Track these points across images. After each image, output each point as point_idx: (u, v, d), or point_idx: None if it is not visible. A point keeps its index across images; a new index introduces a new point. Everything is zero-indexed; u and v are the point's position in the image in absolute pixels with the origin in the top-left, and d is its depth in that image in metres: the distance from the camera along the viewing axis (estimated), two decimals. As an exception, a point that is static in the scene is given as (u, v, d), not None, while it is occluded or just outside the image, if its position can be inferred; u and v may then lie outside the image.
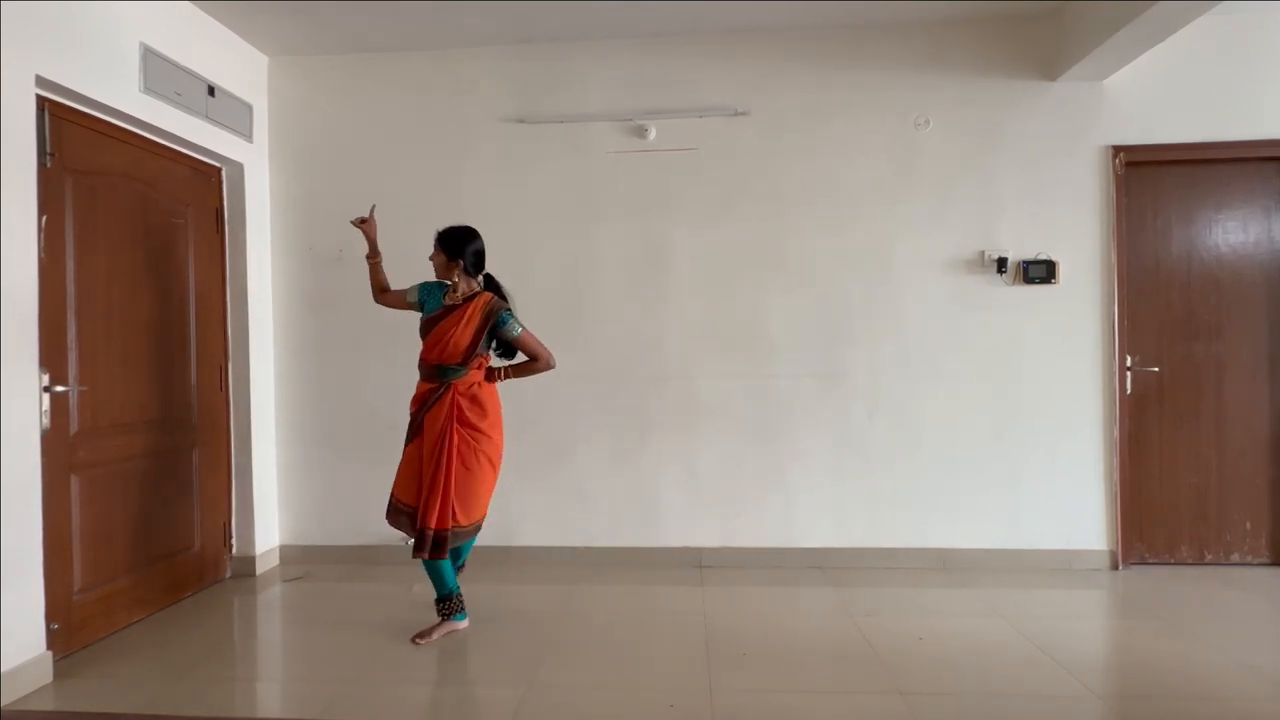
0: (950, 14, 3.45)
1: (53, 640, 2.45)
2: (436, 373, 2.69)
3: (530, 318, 3.64)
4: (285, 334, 3.77)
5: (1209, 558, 3.52)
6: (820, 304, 3.58)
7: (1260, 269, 3.49)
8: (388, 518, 2.76)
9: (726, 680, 2.35)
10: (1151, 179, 3.51)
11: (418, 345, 3.67)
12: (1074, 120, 3.48)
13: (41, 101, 2.49)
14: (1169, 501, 3.53)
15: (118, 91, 2.77)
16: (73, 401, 2.62)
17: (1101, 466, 3.50)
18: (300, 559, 3.72)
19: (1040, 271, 3.46)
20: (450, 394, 2.66)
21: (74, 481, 2.63)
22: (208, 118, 3.27)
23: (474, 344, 2.67)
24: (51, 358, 2.52)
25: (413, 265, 3.71)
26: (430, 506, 2.59)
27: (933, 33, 3.53)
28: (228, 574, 3.52)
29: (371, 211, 2.91)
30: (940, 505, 3.54)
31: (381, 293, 2.87)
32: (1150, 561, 3.54)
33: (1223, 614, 2.92)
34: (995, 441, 3.53)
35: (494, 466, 2.74)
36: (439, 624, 2.73)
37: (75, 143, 2.66)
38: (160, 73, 2.97)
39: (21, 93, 2.36)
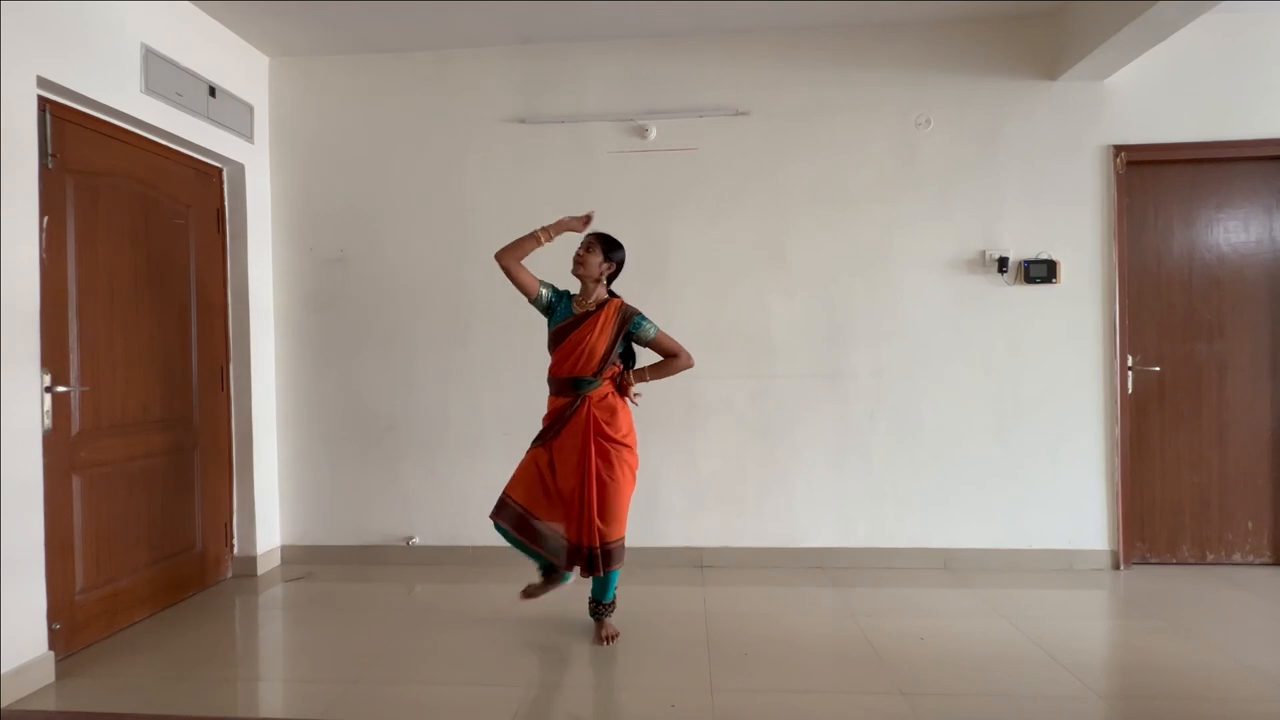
0: (950, 14, 3.44)
1: (54, 640, 2.46)
2: (570, 386, 2.58)
3: (530, 316, 3.65)
4: (286, 334, 3.77)
5: (1210, 557, 3.51)
6: (821, 304, 3.58)
7: (1262, 268, 3.49)
8: (493, 515, 2.65)
9: (727, 680, 2.35)
10: (1152, 178, 3.51)
11: (418, 345, 3.71)
12: (1075, 120, 3.48)
13: (43, 102, 2.49)
14: (1170, 501, 3.53)
15: (119, 92, 2.77)
16: (74, 402, 2.63)
17: (1103, 466, 3.49)
18: (302, 559, 3.73)
19: (1041, 271, 3.46)
20: (586, 407, 2.56)
21: (76, 482, 2.63)
22: (209, 118, 3.27)
23: (609, 352, 2.58)
24: (53, 358, 2.52)
25: (413, 265, 3.72)
26: (584, 525, 2.52)
27: (933, 32, 3.53)
28: (229, 574, 3.52)
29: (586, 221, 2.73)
30: (942, 505, 3.54)
31: (517, 260, 2.59)
32: (1152, 561, 3.54)
33: (1224, 614, 2.91)
34: (996, 441, 3.52)
35: (634, 478, 2.68)
36: (600, 623, 2.70)
37: (77, 143, 2.67)
38: (161, 73, 2.98)
39: (23, 94, 2.37)
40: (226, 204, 3.55)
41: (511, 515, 2.62)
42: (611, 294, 2.71)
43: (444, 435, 3.70)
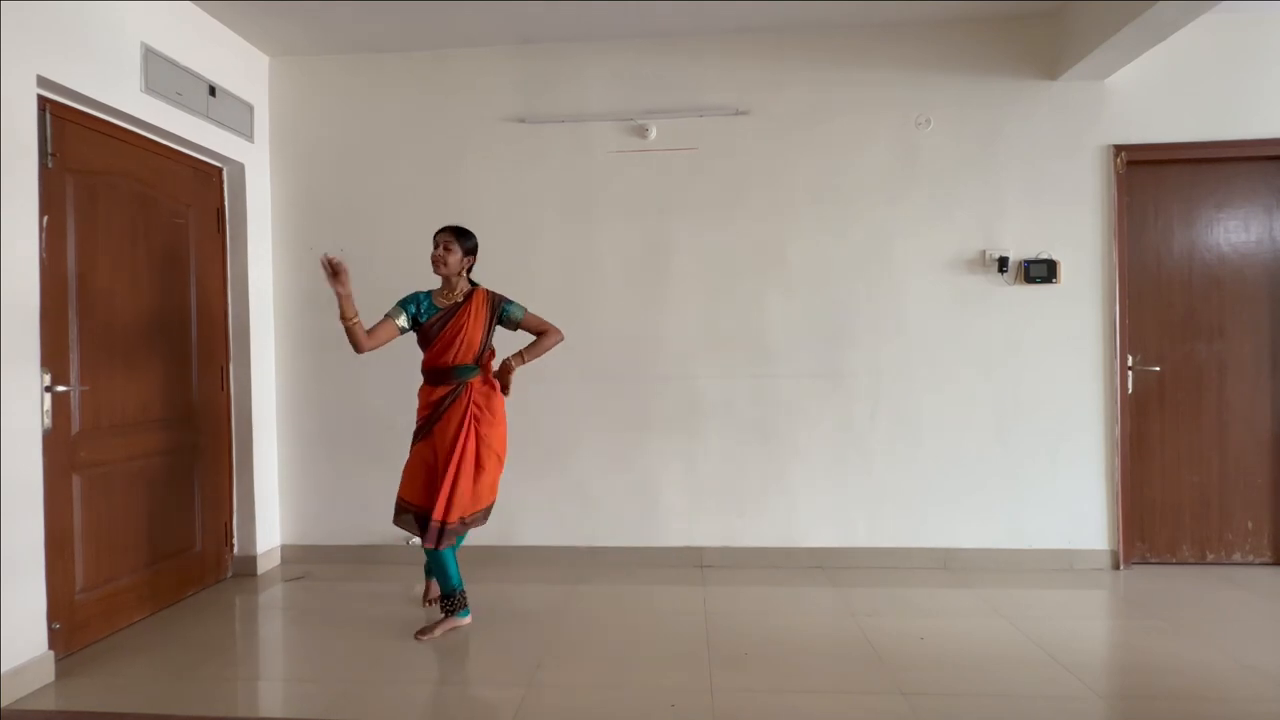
0: (951, 14, 3.44)
1: (54, 640, 2.46)
2: (453, 374, 2.71)
3: (531, 317, 3.65)
4: (286, 334, 3.77)
5: (1210, 557, 3.51)
6: (821, 303, 3.58)
7: (1262, 268, 3.49)
8: (395, 520, 2.83)
9: (727, 680, 2.35)
10: (1153, 178, 3.51)
11: (417, 345, 3.69)
12: (1075, 120, 3.48)
13: (43, 102, 2.49)
14: (1170, 501, 3.53)
15: (119, 92, 2.77)
16: (74, 401, 2.63)
17: (1103, 466, 3.49)
18: (301, 558, 3.73)
19: (1041, 271, 3.46)
20: (467, 394, 2.71)
21: (76, 481, 2.63)
22: (209, 118, 3.27)
23: (486, 338, 2.75)
24: (53, 358, 2.52)
25: (413, 265, 3.72)
26: (440, 499, 2.63)
27: (933, 32, 3.53)
28: (229, 573, 3.52)
29: (338, 262, 2.60)
30: (941, 505, 3.54)
31: (367, 340, 2.65)
32: (1152, 561, 3.54)
33: (1224, 614, 2.91)
34: (996, 441, 3.52)
35: (501, 460, 2.82)
36: (443, 620, 2.75)
37: (76, 143, 2.67)
38: (161, 73, 2.98)
39: (23, 93, 2.37)
40: (226, 203, 3.55)
41: (408, 517, 2.77)
42: (473, 283, 2.82)
43: (444, 435, 3.69)
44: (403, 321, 2.74)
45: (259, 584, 3.43)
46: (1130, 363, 3.51)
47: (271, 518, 3.70)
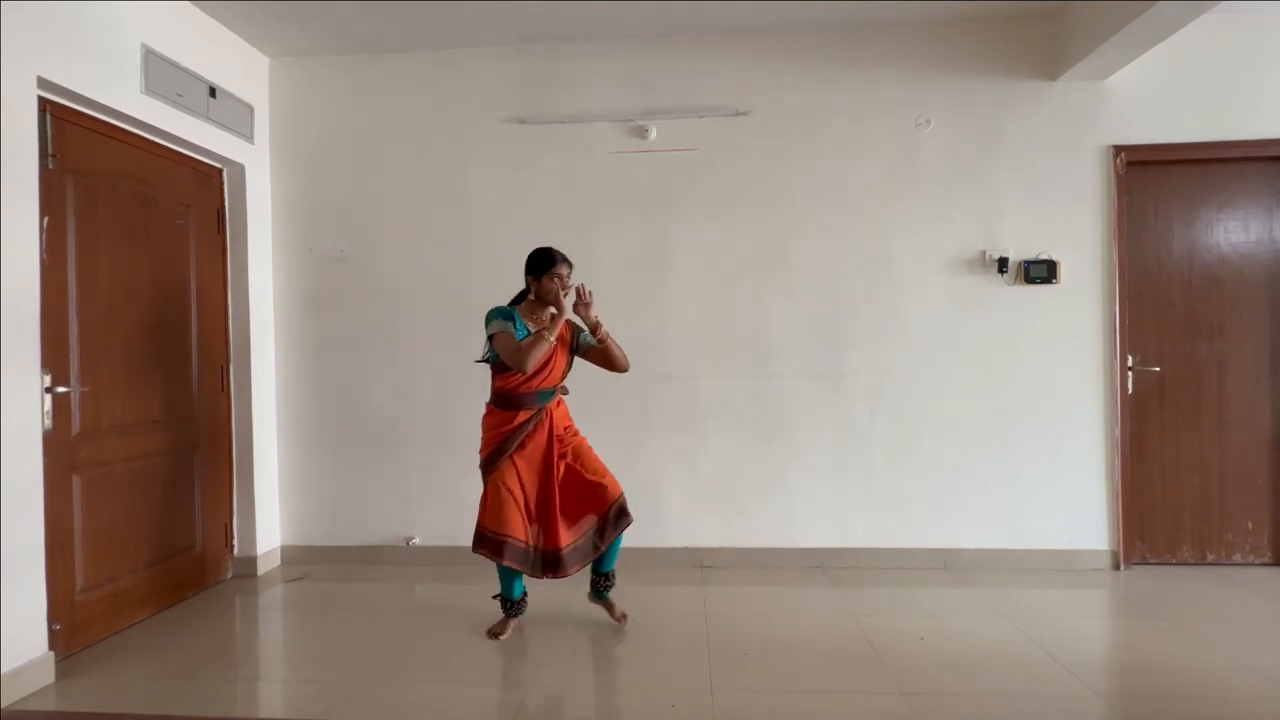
0: (951, 14, 3.44)
1: (54, 640, 2.46)
2: (535, 399, 2.65)
3: (531, 318, 3.66)
4: (286, 334, 3.77)
5: (1211, 557, 3.51)
6: (821, 304, 3.58)
7: (1262, 268, 3.49)
8: (475, 548, 2.61)
9: (728, 680, 2.35)
10: (1153, 178, 3.51)
11: (418, 345, 3.71)
12: (1075, 120, 3.48)
13: (43, 103, 2.49)
14: (1171, 501, 3.53)
15: (119, 93, 2.77)
16: (74, 402, 2.63)
17: (1103, 466, 3.49)
18: (302, 559, 3.73)
19: (1041, 271, 3.46)
20: (547, 418, 2.66)
21: (76, 482, 2.63)
22: (209, 119, 3.27)
23: (569, 364, 2.76)
24: (53, 358, 2.52)
25: (413, 265, 3.73)
26: (555, 527, 2.61)
27: (933, 33, 3.53)
28: (229, 574, 3.52)
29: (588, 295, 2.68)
30: (942, 505, 3.54)
31: (538, 354, 2.53)
32: (1152, 561, 3.54)
33: (1224, 614, 2.91)
34: (996, 441, 3.52)
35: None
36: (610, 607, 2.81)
37: (77, 144, 2.67)
38: (161, 74, 2.98)
39: (23, 94, 2.37)
40: (227, 204, 3.55)
41: (492, 545, 2.59)
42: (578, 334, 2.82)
43: (444, 435, 3.70)
44: (510, 325, 2.61)
45: (259, 584, 3.44)
46: (1130, 363, 3.51)
47: (271, 518, 3.70)
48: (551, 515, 2.62)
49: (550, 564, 2.61)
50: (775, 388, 3.60)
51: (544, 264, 2.68)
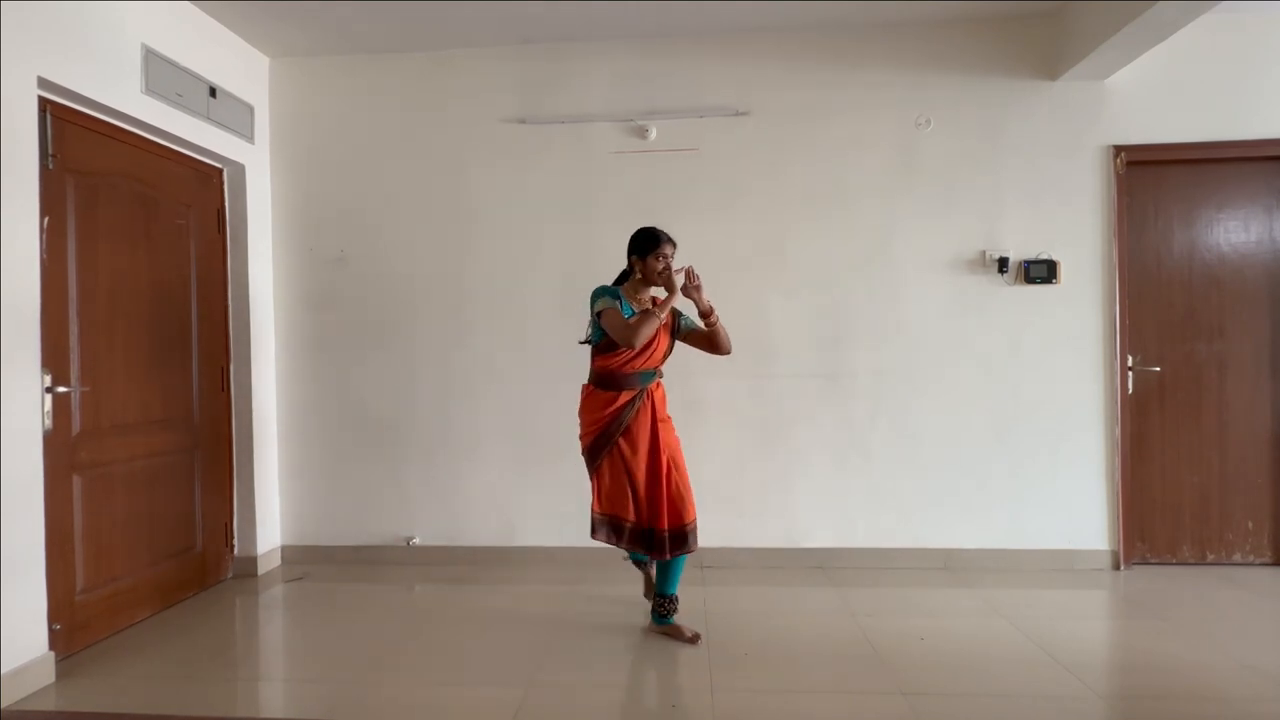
0: (951, 14, 3.44)
1: (55, 640, 2.46)
2: (638, 379, 2.64)
3: (531, 316, 3.66)
4: (287, 334, 3.77)
5: (1211, 557, 3.51)
6: (821, 304, 3.58)
7: (1262, 268, 3.49)
8: (594, 535, 2.69)
9: (728, 680, 2.35)
10: (1153, 178, 3.51)
11: (418, 345, 3.71)
12: (1075, 120, 3.48)
13: (43, 103, 2.50)
14: (1171, 501, 3.53)
15: (119, 93, 2.77)
16: (75, 402, 2.63)
17: (1103, 466, 3.49)
18: (302, 559, 3.73)
19: (1041, 271, 3.46)
20: (648, 400, 2.65)
21: (76, 482, 2.63)
22: (209, 119, 3.28)
23: (671, 346, 2.75)
24: (53, 358, 2.52)
25: (413, 265, 3.72)
26: (662, 508, 2.60)
27: (933, 32, 3.53)
28: (230, 574, 3.52)
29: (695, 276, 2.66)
30: (942, 505, 3.54)
31: (650, 330, 2.55)
32: (1152, 561, 3.54)
33: (1224, 614, 2.91)
34: (996, 441, 3.52)
35: (682, 469, 2.73)
36: (669, 627, 2.72)
37: (77, 144, 2.67)
38: (162, 74, 2.98)
39: (23, 94, 2.37)
40: (227, 204, 3.55)
41: (611, 529, 2.66)
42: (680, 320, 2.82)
43: (444, 435, 3.70)
44: (617, 303, 2.61)
45: (259, 584, 3.44)
46: (1130, 363, 3.51)
47: (272, 518, 3.71)
48: (659, 497, 2.60)
49: (659, 544, 2.59)
50: (775, 387, 3.60)
51: (649, 244, 2.64)
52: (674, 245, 2.69)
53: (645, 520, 2.64)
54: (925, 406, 3.55)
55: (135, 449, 2.94)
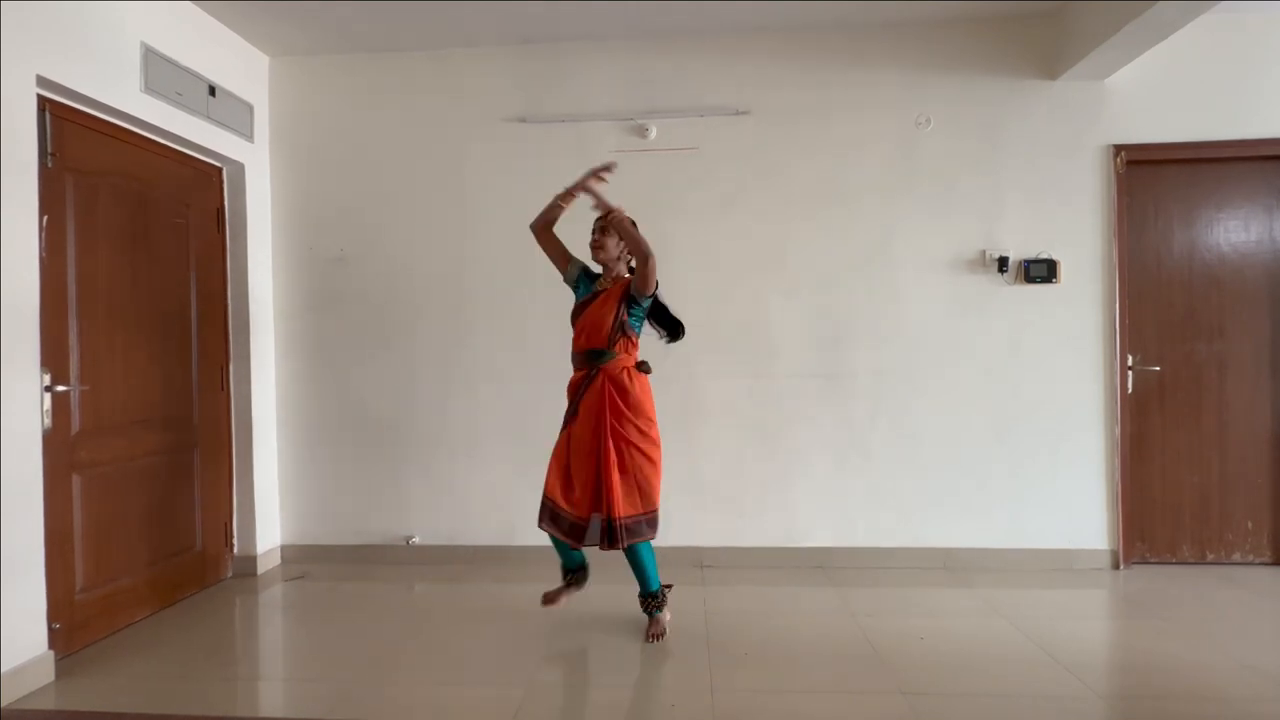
0: (951, 14, 3.44)
1: (54, 639, 2.46)
2: (586, 359, 2.64)
3: (531, 316, 3.66)
4: (286, 334, 3.77)
5: (1210, 557, 3.51)
6: (821, 303, 3.58)
7: (1262, 268, 3.49)
8: (539, 523, 2.68)
9: (727, 680, 2.35)
10: (1152, 178, 3.51)
11: (418, 345, 3.71)
12: (1075, 119, 3.48)
13: (42, 101, 2.49)
14: (1170, 501, 3.53)
15: (119, 91, 2.77)
16: (74, 401, 2.62)
17: (1103, 466, 3.49)
18: (302, 558, 3.73)
19: (1041, 271, 3.46)
20: (601, 380, 2.60)
21: (75, 481, 2.63)
22: (209, 118, 3.27)
23: (616, 321, 2.61)
24: (53, 357, 2.52)
25: (413, 265, 3.72)
26: (602, 497, 2.55)
27: (933, 32, 3.53)
28: (229, 573, 3.52)
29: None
30: (942, 505, 3.54)
31: (546, 228, 2.70)
32: (1152, 561, 3.54)
33: (1224, 614, 2.91)
34: (996, 441, 3.52)
35: (652, 459, 2.63)
36: (653, 621, 2.69)
37: (76, 143, 2.67)
38: (161, 73, 2.98)
39: (22, 93, 2.37)
40: (226, 204, 3.55)
41: (546, 512, 2.66)
42: (632, 271, 2.74)
43: (444, 435, 3.70)
44: (572, 271, 2.74)
45: (259, 584, 3.43)
46: (1130, 363, 3.51)
47: (271, 518, 3.70)
48: (609, 484, 2.53)
49: (606, 534, 2.54)
50: (775, 387, 3.60)
51: None
52: (600, 221, 2.70)
53: (585, 510, 2.58)
54: (925, 406, 3.55)
55: (135, 448, 2.94)
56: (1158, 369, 3.52)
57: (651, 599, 2.70)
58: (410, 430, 3.72)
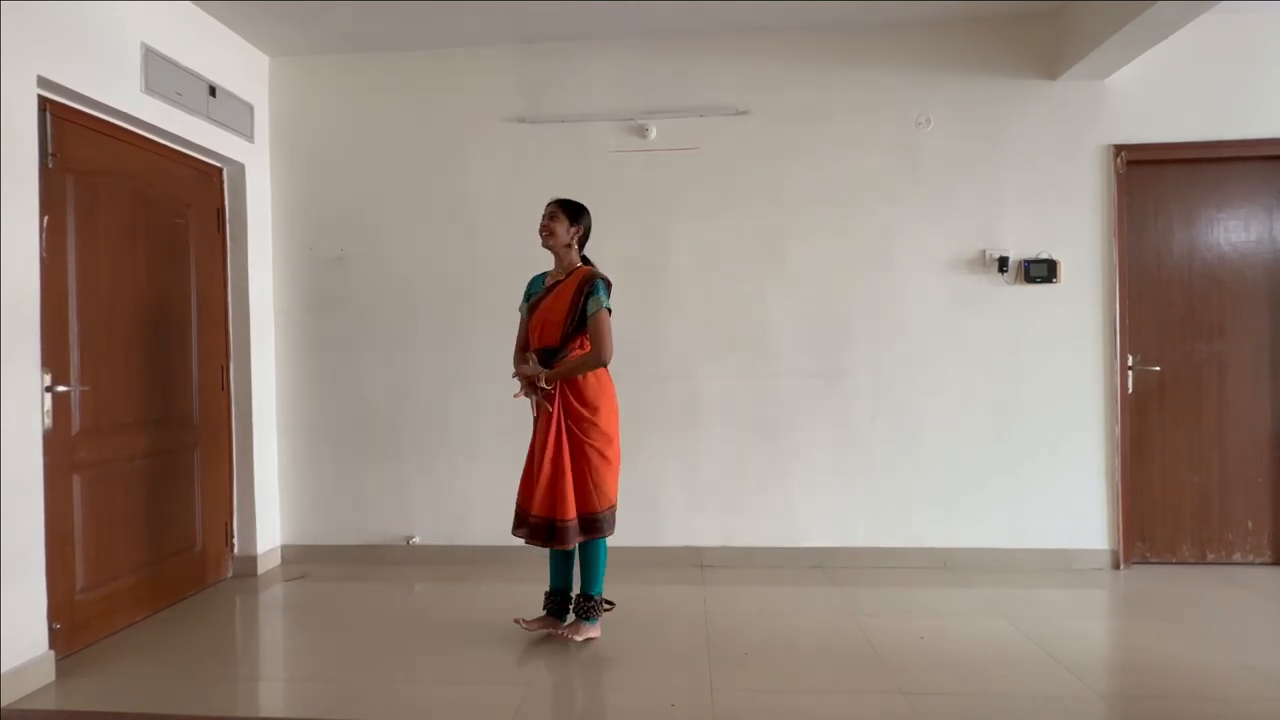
0: (951, 13, 3.44)
1: (55, 639, 2.46)
2: (542, 358, 2.58)
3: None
4: (286, 334, 3.77)
5: (1211, 557, 3.51)
6: (821, 303, 3.58)
7: (1262, 268, 3.49)
8: (513, 530, 2.65)
9: (727, 680, 2.35)
10: (1152, 178, 3.51)
11: (418, 345, 3.72)
12: (1075, 119, 3.48)
13: (43, 102, 2.49)
14: (1170, 501, 3.53)
15: (119, 92, 2.77)
16: (74, 401, 2.62)
17: (1103, 466, 3.49)
18: (302, 558, 3.73)
19: (1041, 271, 3.46)
20: (559, 388, 2.56)
21: (76, 481, 2.63)
22: (209, 118, 3.27)
23: (570, 318, 2.53)
24: (53, 358, 2.52)
25: (413, 265, 3.72)
26: (551, 495, 2.52)
27: (933, 32, 3.53)
28: (230, 573, 3.52)
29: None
30: (941, 505, 3.54)
31: (517, 348, 2.75)
32: (1152, 561, 3.54)
33: (1224, 613, 2.91)
34: (996, 441, 3.52)
35: (606, 459, 2.58)
36: (574, 624, 2.64)
37: (77, 143, 2.67)
38: (161, 73, 2.98)
39: (23, 93, 2.37)
40: (227, 204, 3.55)
41: (516, 517, 2.65)
42: (585, 260, 2.71)
43: (444, 435, 3.70)
44: (522, 309, 2.73)
45: (259, 584, 3.44)
46: (1130, 363, 3.51)
47: (272, 518, 3.70)
48: (561, 483, 2.51)
49: (560, 533, 2.50)
50: (775, 387, 3.60)
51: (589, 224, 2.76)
52: (549, 206, 2.67)
53: (545, 510, 2.53)
54: (925, 406, 3.55)
55: (135, 448, 2.94)
56: (1158, 369, 3.52)
57: (588, 601, 2.64)
58: (410, 430, 3.72)
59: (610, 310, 2.56)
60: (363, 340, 3.74)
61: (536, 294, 2.69)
